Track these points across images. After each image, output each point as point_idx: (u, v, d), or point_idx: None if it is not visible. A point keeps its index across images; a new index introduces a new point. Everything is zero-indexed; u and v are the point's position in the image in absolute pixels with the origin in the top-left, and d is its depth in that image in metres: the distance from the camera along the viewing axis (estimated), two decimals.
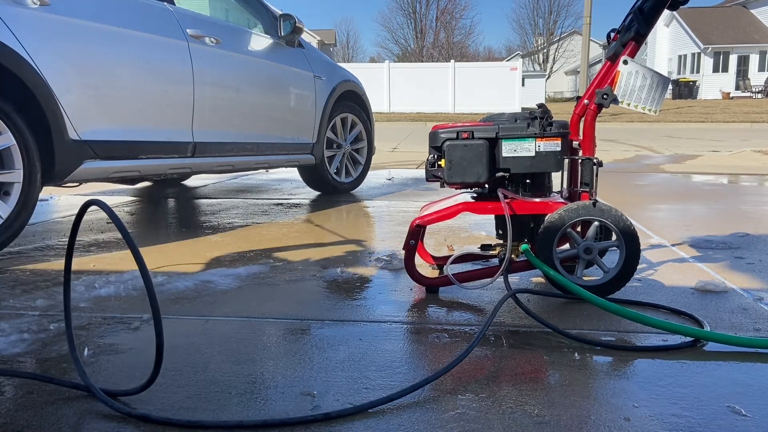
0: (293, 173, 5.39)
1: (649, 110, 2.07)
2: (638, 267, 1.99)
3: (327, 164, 4.38)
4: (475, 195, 2.16)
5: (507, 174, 2.04)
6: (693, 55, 34.40)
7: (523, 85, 25.09)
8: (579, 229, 2.05)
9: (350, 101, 4.58)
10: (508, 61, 38.28)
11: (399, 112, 22.47)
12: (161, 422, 1.20)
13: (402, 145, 10.05)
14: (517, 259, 2.07)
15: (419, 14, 51.47)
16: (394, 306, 1.96)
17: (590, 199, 2.01)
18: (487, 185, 2.09)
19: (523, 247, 2.03)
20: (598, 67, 2.32)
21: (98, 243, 2.86)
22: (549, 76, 45.48)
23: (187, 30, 3.15)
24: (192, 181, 5.25)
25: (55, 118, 2.47)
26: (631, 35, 2.06)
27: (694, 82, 31.17)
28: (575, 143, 2.12)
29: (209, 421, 1.21)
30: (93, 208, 1.28)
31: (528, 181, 2.05)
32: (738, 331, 1.72)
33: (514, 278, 2.23)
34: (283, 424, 1.20)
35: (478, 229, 3.16)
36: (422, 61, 39.42)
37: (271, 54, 3.83)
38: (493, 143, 2.01)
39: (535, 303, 1.97)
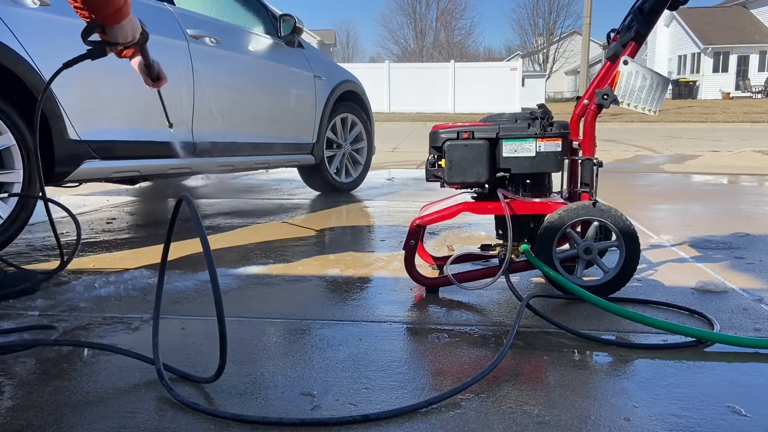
0: (293, 173, 5.38)
1: (650, 110, 2.07)
2: (638, 267, 1.99)
3: (327, 164, 4.38)
4: (475, 195, 2.16)
5: (507, 174, 2.04)
6: (693, 55, 34.39)
7: (523, 85, 25.12)
8: (579, 229, 2.05)
9: (350, 101, 4.58)
10: (508, 61, 38.29)
11: (399, 112, 22.47)
12: (230, 417, 1.23)
13: (402, 145, 10.05)
14: (517, 259, 2.07)
15: (419, 14, 51.62)
16: (394, 306, 1.96)
17: (590, 200, 2.01)
18: (487, 185, 2.08)
19: (523, 247, 2.03)
20: (598, 67, 2.32)
21: (98, 243, 2.86)
22: (549, 76, 45.44)
23: (187, 30, 3.15)
24: (192, 181, 5.25)
25: (55, 118, 2.47)
26: (631, 35, 2.06)
27: (694, 82, 31.16)
28: (575, 143, 2.12)
29: (251, 416, 1.22)
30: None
31: (528, 181, 2.05)
32: (738, 331, 1.72)
33: (513, 278, 2.23)
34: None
35: (478, 229, 3.16)
36: (422, 61, 39.40)
37: (271, 54, 3.84)
38: (494, 143, 2.01)
39: (536, 303, 1.96)
